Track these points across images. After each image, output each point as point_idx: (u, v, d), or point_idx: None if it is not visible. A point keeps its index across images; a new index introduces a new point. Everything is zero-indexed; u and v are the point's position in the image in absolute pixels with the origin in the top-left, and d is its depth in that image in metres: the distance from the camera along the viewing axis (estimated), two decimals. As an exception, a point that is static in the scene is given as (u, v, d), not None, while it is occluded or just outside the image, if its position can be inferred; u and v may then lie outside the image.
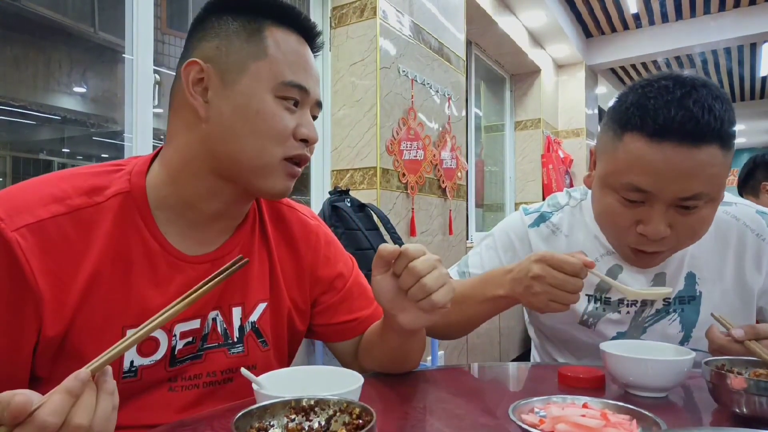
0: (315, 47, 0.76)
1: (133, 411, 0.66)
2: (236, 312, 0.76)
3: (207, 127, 0.68)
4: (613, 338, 0.96)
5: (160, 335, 0.69)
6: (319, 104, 0.75)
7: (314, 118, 0.75)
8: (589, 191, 0.96)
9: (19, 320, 0.60)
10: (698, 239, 0.84)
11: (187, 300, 0.56)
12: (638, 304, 0.96)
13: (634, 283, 0.94)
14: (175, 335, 0.70)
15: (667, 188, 0.76)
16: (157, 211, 0.70)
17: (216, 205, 0.72)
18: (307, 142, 0.71)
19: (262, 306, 0.78)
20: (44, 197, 0.64)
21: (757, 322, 0.96)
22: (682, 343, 0.94)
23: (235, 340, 0.76)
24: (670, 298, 0.94)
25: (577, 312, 0.98)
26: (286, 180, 0.71)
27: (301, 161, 0.72)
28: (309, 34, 0.74)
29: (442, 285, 0.65)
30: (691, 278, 0.94)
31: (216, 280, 0.59)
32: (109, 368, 0.47)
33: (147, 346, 0.68)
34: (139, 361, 0.67)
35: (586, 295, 0.97)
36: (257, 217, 0.81)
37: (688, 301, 0.94)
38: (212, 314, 0.74)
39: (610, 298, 0.96)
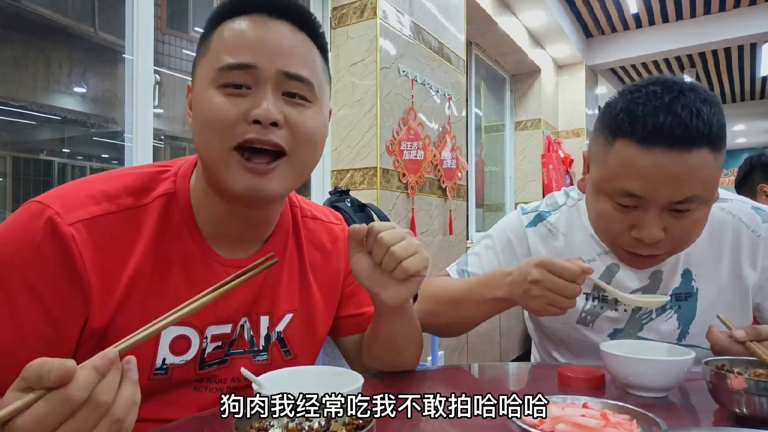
0: (300, 21, 0.67)
1: (156, 406, 0.67)
2: (264, 320, 0.76)
3: None
4: (610, 335, 0.96)
5: (192, 335, 0.69)
6: (292, 76, 0.64)
7: (293, 96, 0.65)
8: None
9: (67, 314, 0.61)
10: (693, 242, 0.85)
11: (214, 293, 0.56)
12: None
13: (630, 281, 0.95)
14: (206, 337, 0.70)
15: (659, 192, 0.77)
16: (198, 214, 0.71)
17: (240, 217, 0.72)
18: (260, 123, 0.62)
19: (288, 316, 0.79)
20: (96, 195, 0.65)
21: (755, 318, 0.97)
22: (679, 339, 0.95)
23: (261, 348, 0.76)
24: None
25: (575, 310, 0.98)
26: (243, 174, 0.64)
27: (251, 142, 0.63)
28: (278, 11, 0.66)
29: (413, 254, 0.67)
30: (687, 275, 0.95)
31: (245, 276, 0.60)
32: (134, 358, 0.46)
33: (179, 344, 0.68)
34: (171, 359, 0.68)
35: (584, 293, 0.98)
36: (291, 227, 0.82)
37: (684, 297, 0.95)
38: (242, 321, 0.74)
39: (607, 296, 0.96)
